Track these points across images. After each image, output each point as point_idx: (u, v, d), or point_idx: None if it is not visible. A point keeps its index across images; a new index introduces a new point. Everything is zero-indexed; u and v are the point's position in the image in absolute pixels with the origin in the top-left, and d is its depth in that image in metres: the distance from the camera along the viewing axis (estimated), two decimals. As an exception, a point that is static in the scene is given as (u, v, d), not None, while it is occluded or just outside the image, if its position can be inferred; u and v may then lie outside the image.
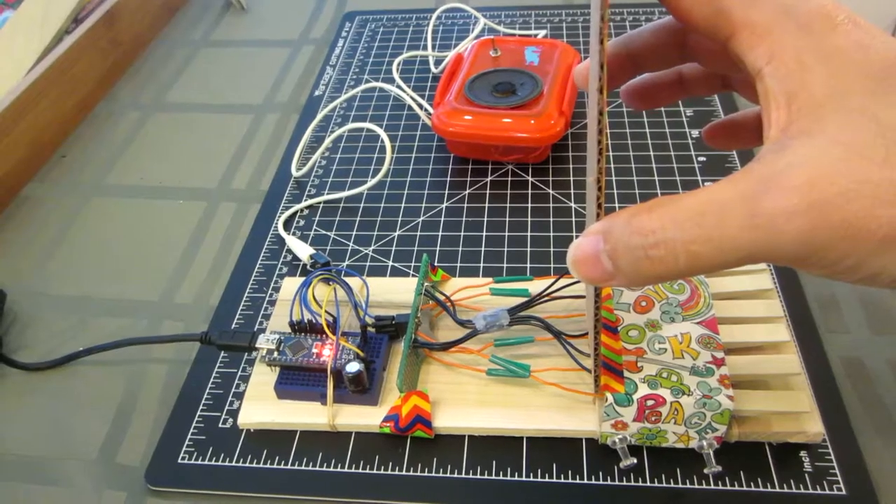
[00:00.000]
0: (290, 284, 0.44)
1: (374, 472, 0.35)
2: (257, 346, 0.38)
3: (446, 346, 0.38)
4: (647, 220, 0.21)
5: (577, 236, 0.24)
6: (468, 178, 0.52)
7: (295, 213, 0.51)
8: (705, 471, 0.33)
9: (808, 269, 0.21)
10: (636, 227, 0.21)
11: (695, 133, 0.53)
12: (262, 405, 0.37)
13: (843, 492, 0.33)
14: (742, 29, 0.22)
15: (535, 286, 0.39)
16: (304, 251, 0.46)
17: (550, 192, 0.50)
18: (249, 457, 0.36)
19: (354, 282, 0.41)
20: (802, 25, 0.21)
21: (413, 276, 0.45)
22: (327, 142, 0.53)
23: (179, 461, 0.36)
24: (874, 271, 0.20)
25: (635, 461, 0.34)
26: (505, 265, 0.45)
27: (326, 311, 0.38)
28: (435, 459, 0.36)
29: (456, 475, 0.35)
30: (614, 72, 0.28)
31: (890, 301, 0.41)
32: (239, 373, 0.40)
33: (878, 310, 0.41)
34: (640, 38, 0.28)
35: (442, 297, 0.40)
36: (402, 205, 0.50)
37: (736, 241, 0.20)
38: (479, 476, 0.35)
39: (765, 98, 0.22)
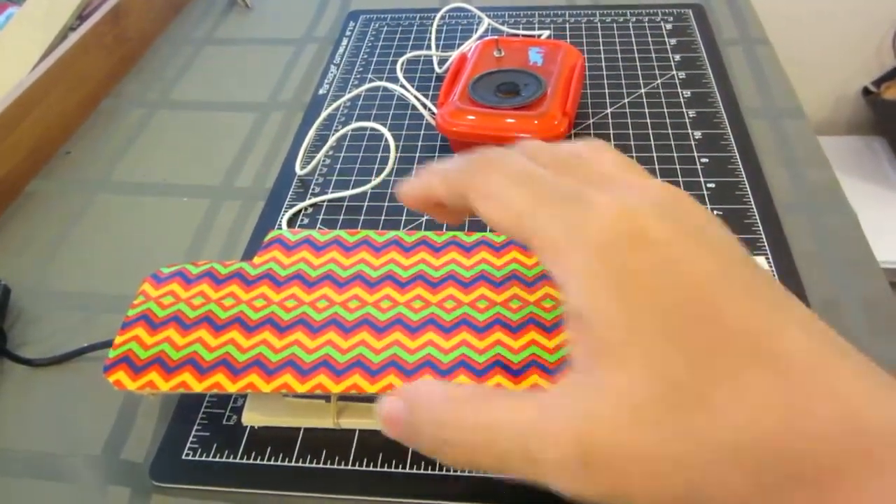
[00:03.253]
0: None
1: (378, 469, 0.35)
2: (262, 343, 0.38)
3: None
4: (451, 421, 0.21)
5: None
6: (472, 178, 0.52)
7: (299, 211, 0.51)
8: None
9: None
10: (442, 420, 0.21)
11: (697, 134, 0.53)
12: (266, 403, 0.38)
13: (844, 493, 0.33)
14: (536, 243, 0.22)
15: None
16: (308, 249, 0.46)
17: (553, 192, 0.50)
18: (253, 454, 0.37)
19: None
20: (593, 242, 0.21)
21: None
22: (331, 140, 0.53)
23: (184, 457, 0.37)
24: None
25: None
26: (508, 265, 0.45)
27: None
28: (438, 457, 0.36)
29: (459, 472, 0.35)
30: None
31: (892, 304, 0.41)
32: (243, 370, 0.41)
33: (880, 312, 0.41)
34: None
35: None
36: (406, 204, 0.50)
37: (510, 467, 0.21)
38: (482, 473, 0.35)
39: (565, 315, 0.22)
